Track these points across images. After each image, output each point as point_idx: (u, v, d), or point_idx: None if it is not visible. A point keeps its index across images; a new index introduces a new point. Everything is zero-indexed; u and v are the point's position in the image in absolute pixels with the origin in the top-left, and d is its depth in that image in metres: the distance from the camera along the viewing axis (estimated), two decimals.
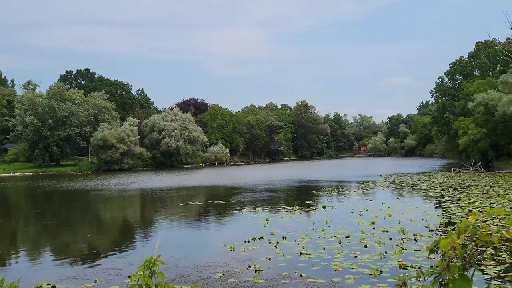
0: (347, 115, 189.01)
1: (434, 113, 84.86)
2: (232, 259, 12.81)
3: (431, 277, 2.58)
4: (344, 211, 22.10)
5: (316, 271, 11.31)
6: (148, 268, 2.60)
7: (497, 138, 55.70)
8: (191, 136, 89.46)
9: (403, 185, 36.45)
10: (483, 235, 2.56)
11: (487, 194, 27.26)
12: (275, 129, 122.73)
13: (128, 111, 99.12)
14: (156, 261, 2.66)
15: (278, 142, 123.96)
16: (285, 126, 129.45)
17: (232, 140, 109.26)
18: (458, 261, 2.52)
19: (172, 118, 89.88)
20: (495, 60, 71.25)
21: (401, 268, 11.21)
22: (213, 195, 33.95)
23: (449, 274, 2.44)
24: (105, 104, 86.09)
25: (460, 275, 2.48)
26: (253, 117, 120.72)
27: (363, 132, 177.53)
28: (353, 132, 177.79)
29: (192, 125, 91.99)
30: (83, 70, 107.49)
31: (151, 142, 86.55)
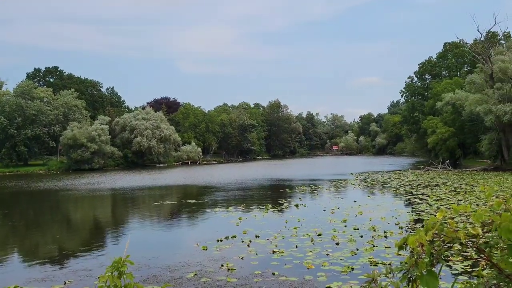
0: (319, 114, 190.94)
1: (404, 112, 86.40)
2: (205, 259, 12.76)
3: (400, 274, 2.62)
4: (316, 210, 22.28)
5: (288, 269, 11.37)
6: (117, 269, 2.56)
7: (464, 137, 57.08)
8: (164, 135, 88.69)
9: (374, 183, 36.98)
10: (449, 232, 2.62)
11: (454, 192, 27.90)
12: (248, 128, 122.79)
13: (99, 110, 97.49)
14: (125, 261, 2.62)
15: (251, 141, 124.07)
16: (258, 125, 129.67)
17: (204, 139, 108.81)
18: (425, 257, 2.56)
19: (144, 117, 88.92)
20: (463, 60, 72.99)
21: (372, 265, 11.38)
22: (186, 194, 33.74)
23: (417, 270, 2.49)
24: (75, 103, 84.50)
25: (427, 271, 2.53)
26: (226, 116, 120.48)
27: (335, 131, 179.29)
28: (325, 131, 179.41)
29: (164, 124, 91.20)
30: (52, 67, 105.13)
31: (122, 141, 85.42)
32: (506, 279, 2.64)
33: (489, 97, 47.44)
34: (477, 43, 55.19)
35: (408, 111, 78.99)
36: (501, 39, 61.89)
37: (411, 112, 77.13)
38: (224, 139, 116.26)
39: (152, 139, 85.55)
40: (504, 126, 47.55)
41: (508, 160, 48.26)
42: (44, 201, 32.26)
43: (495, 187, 29.16)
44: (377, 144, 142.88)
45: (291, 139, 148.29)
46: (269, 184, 40.36)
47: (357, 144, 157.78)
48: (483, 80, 51.32)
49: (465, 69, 71.98)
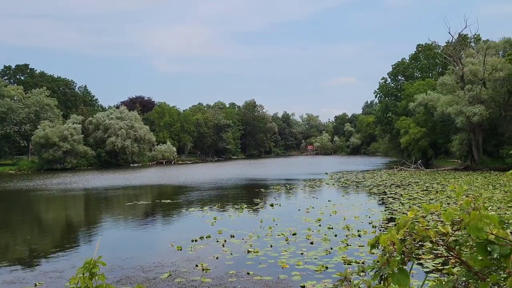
0: (295, 114, 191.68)
1: (377, 112, 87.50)
2: (179, 259, 12.68)
3: (372, 272, 2.65)
4: (291, 209, 22.38)
5: (263, 268, 11.39)
6: (88, 270, 2.51)
7: (436, 137, 58.16)
8: (138, 135, 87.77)
9: (348, 183, 37.35)
10: (420, 230, 2.66)
11: (426, 191, 28.40)
12: (223, 128, 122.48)
13: (71, 109, 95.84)
14: (96, 262, 2.58)
15: (226, 141, 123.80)
16: (234, 125, 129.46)
17: (180, 138, 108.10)
18: (397, 255, 2.60)
19: (118, 116, 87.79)
20: (435, 62, 74.35)
21: (346, 263, 11.49)
22: (160, 194, 33.47)
23: (388, 268, 2.52)
24: (47, 102, 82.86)
25: (399, 269, 2.56)
26: (201, 115, 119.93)
27: (310, 131, 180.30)
28: (301, 131, 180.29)
29: (139, 124, 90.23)
30: (22, 65, 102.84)
31: (95, 141, 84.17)
32: (474, 276, 2.69)
33: (460, 98, 48.44)
34: (449, 45, 56.29)
35: (382, 111, 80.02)
36: (472, 41, 63.28)
37: (385, 113, 78.16)
38: (200, 138, 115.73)
39: (126, 139, 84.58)
40: (474, 126, 48.64)
41: (478, 160, 49.39)
42: (14, 202, 31.55)
43: (465, 186, 29.67)
44: (351, 144, 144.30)
45: (267, 139, 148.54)
46: (244, 184, 40.36)
47: (332, 144, 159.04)
48: (454, 81, 52.38)
49: (437, 70, 73.30)
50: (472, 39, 63.76)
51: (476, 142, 49.98)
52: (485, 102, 47.91)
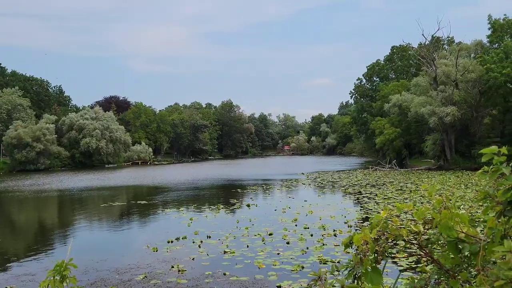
0: (272, 115, 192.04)
1: (353, 113, 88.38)
2: (155, 260, 12.58)
3: (346, 271, 2.67)
4: (268, 209, 22.42)
5: (239, 269, 11.38)
6: (59, 273, 2.47)
7: (410, 137, 59.05)
8: (113, 136, 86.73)
9: (324, 183, 37.62)
10: (393, 229, 2.69)
11: (401, 190, 28.80)
12: (200, 128, 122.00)
13: (45, 109, 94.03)
14: (68, 265, 2.53)
15: (203, 141, 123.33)
16: (210, 125, 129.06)
17: (156, 139, 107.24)
18: (370, 254, 2.62)
19: (92, 116, 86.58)
20: (409, 63, 75.45)
21: (322, 263, 11.57)
22: (136, 195, 33.13)
23: (362, 267, 2.54)
24: (20, 101, 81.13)
25: (372, 268, 2.59)
26: (177, 115, 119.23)
27: (287, 131, 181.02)
28: (277, 131, 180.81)
29: (114, 124, 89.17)
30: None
31: (70, 142, 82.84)
32: (446, 274, 2.74)
33: (433, 99, 49.30)
34: (422, 47, 57.23)
35: (357, 112, 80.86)
36: (445, 43, 64.45)
37: (360, 113, 78.99)
38: (176, 139, 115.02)
39: (101, 140, 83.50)
40: (447, 127, 49.55)
41: (451, 160, 50.31)
42: None
43: (438, 185, 30.32)
44: (327, 144, 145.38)
45: (243, 139, 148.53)
46: (221, 184, 40.26)
47: (308, 144, 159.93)
48: (428, 83, 53.28)
49: (411, 72, 74.38)
50: (445, 41, 64.94)
51: (448, 142, 50.92)
52: (457, 103, 48.85)
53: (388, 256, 2.87)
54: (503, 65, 44.62)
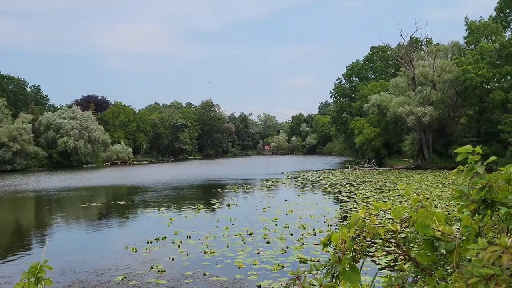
0: (252, 114, 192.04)
1: (333, 113, 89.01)
2: (134, 261, 12.47)
3: (324, 270, 2.68)
4: (248, 209, 22.43)
5: (219, 269, 11.36)
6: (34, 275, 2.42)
7: (388, 137, 59.74)
8: (92, 135, 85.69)
9: (304, 182, 37.79)
10: (371, 228, 2.71)
11: (380, 190, 29.11)
12: (180, 128, 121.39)
13: (21, 108, 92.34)
14: (43, 267, 2.49)
15: (183, 141, 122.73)
16: (190, 125, 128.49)
17: (135, 138, 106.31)
18: (348, 253, 2.64)
19: (70, 115, 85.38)
20: (387, 64, 76.32)
21: (302, 262, 11.62)
22: (115, 195, 32.80)
23: (340, 266, 2.56)
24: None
25: (350, 267, 2.61)
26: (157, 115, 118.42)
27: (267, 131, 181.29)
28: (258, 131, 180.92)
29: (92, 124, 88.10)
30: None
31: (47, 141, 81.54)
32: (422, 272, 2.77)
33: (411, 99, 49.97)
34: (401, 48, 57.94)
35: (337, 112, 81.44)
36: (423, 44, 65.35)
37: (340, 113, 79.58)
38: (156, 138, 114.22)
39: (79, 139, 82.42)
40: (425, 127, 50.27)
41: (428, 159, 51.05)
42: None
43: (416, 184, 30.74)
44: (307, 144, 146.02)
45: (224, 139, 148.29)
46: (201, 184, 40.12)
47: (289, 144, 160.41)
48: (406, 83, 53.98)
49: (390, 72, 75.25)
50: (423, 42, 65.85)
51: (426, 141, 51.66)
52: (434, 103, 49.61)
53: (366, 255, 2.90)
54: (479, 66, 45.46)
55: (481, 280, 1.74)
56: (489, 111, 49.33)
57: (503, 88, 46.08)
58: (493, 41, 50.43)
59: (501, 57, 44.97)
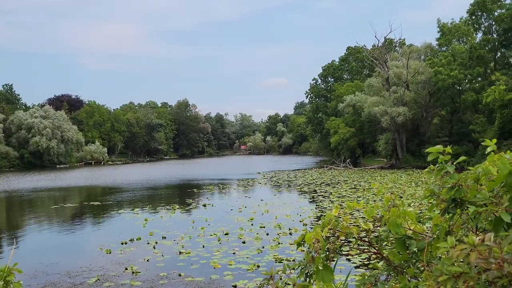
0: (228, 114, 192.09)
1: (308, 113, 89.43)
2: (108, 262, 12.31)
3: (298, 269, 2.69)
4: (224, 209, 22.39)
5: (195, 269, 11.31)
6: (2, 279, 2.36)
7: (363, 137, 60.41)
8: (65, 135, 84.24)
9: (280, 182, 37.92)
10: (344, 227, 2.73)
11: (354, 189, 29.41)
12: (155, 128, 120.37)
13: None
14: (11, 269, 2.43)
15: (158, 141, 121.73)
16: (166, 125, 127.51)
17: (110, 138, 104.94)
18: (322, 252, 2.66)
19: (42, 115, 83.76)
20: (363, 64, 77.08)
21: (277, 261, 11.65)
22: (89, 196, 32.33)
23: (313, 265, 2.57)
24: None
25: (323, 266, 2.62)
26: (132, 115, 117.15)
27: (243, 131, 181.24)
28: (234, 131, 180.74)
29: (66, 123, 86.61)
30: None
31: (18, 141, 79.82)
32: (394, 270, 2.81)
33: (386, 99, 50.65)
34: (375, 49, 58.65)
35: (313, 112, 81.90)
36: (397, 45, 66.25)
37: (315, 113, 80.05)
38: (131, 138, 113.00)
39: (52, 139, 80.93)
40: (398, 127, 51.02)
41: (402, 159, 51.82)
42: None
43: (390, 184, 31.17)
44: (283, 143, 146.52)
45: (200, 139, 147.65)
46: (176, 184, 39.86)
47: (265, 143, 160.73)
48: (380, 83, 54.69)
49: (365, 72, 76.02)
50: (397, 43, 66.76)
51: (400, 141, 52.42)
52: (408, 104, 50.40)
53: (340, 254, 2.92)
54: (451, 68, 46.33)
55: (450, 278, 1.76)
56: (460, 111, 50.37)
57: (474, 89, 47.10)
58: (465, 43, 51.46)
59: (472, 59, 45.95)
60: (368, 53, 62.11)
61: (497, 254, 1.59)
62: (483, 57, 45.35)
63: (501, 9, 46.65)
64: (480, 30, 50.24)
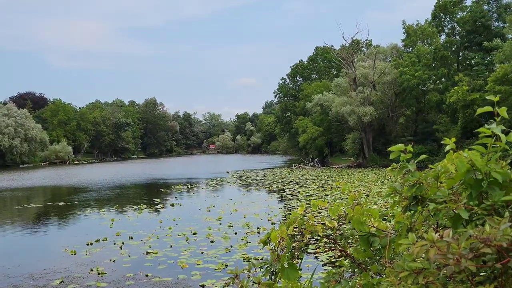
0: (197, 113, 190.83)
1: (277, 112, 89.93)
2: (73, 264, 12.06)
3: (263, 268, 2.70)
4: (192, 208, 22.26)
5: (162, 269, 11.20)
6: None
7: (331, 136, 61.11)
8: (29, 134, 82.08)
9: (249, 181, 37.97)
10: (309, 226, 2.75)
11: (322, 188, 29.71)
12: (122, 126, 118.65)
13: None
14: None
15: (125, 140, 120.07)
16: (133, 123, 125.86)
17: (75, 137, 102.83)
18: (287, 251, 2.67)
19: (4, 113, 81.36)
20: (330, 64, 77.98)
21: (245, 260, 11.65)
22: (54, 196, 31.61)
23: (278, 264, 2.58)
24: None
25: (289, 264, 2.64)
26: (99, 113, 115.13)
27: (212, 130, 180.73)
28: (203, 130, 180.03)
29: (29, 122, 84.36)
30: None
31: None
32: (358, 267, 2.85)
33: (353, 99, 51.38)
34: (343, 49, 59.40)
35: (281, 111, 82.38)
36: (364, 46, 67.29)
37: (284, 112, 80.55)
38: (97, 137, 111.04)
39: (15, 138, 78.72)
40: (365, 126, 51.84)
41: (369, 158, 52.66)
42: None
43: (357, 182, 31.62)
44: (252, 143, 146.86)
45: (168, 138, 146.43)
46: (144, 184, 39.39)
47: (233, 143, 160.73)
48: (348, 83, 55.43)
49: (332, 72, 76.92)
50: (364, 44, 67.80)
51: (367, 141, 53.26)
52: (374, 103, 51.29)
53: (305, 252, 2.94)
54: (415, 68, 47.38)
55: (411, 274, 1.80)
56: (425, 111, 51.58)
57: (438, 89, 48.31)
58: (429, 44, 52.67)
59: (436, 60, 47.11)
60: (336, 53, 62.85)
61: (455, 250, 1.63)
62: (446, 58, 46.55)
63: (463, 12, 47.99)
64: (444, 32, 51.54)
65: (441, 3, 48.70)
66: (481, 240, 1.62)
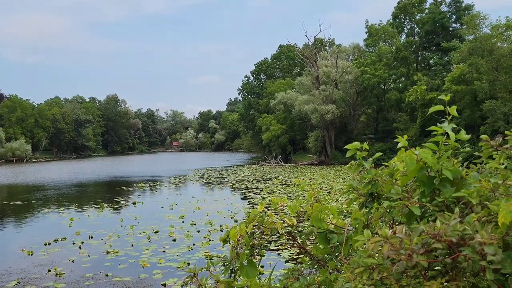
0: (159, 110, 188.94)
1: (241, 110, 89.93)
2: (30, 265, 11.72)
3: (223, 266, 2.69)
4: (155, 207, 22.02)
5: (123, 269, 11.03)
6: None
7: (294, 134, 61.63)
8: None
9: (212, 179, 37.83)
10: (268, 223, 2.77)
11: (285, 185, 29.92)
12: (82, 123, 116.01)
13: None
14: None
15: (86, 137, 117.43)
16: (94, 120, 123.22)
17: (33, 135, 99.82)
18: (246, 248, 2.68)
19: None
20: (294, 63, 78.53)
21: (208, 258, 11.62)
22: (10, 195, 30.59)
23: (238, 261, 2.58)
24: None
25: (248, 262, 2.64)
26: (58, 110, 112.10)
27: (175, 127, 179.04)
28: (165, 127, 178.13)
29: None
30: None
31: None
32: (317, 264, 2.88)
33: (315, 97, 51.97)
34: (306, 48, 59.96)
35: (245, 109, 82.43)
36: (326, 45, 68.07)
37: (248, 110, 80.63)
38: (56, 135, 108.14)
39: None
40: (327, 124, 52.54)
41: (331, 155, 53.40)
42: None
43: (319, 179, 32.00)
44: (215, 140, 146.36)
45: (130, 135, 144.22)
46: (105, 182, 38.65)
47: (197, 140, 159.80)
48: (311, 82, 56.02)
49: (296, 71, 77.48)
50: (327, 43, 68.58)
51: (329, 138, 53.99)
52: (336, 102, 52.03)
53: (266, 249, 2.95)
54: (376, 68, 48.31)
55: (366, 270, 1.83)
56: (385, 110, 52.69)
57: (398, 88, 49.42)
58: (390, 44, 53.81)
59: (397, 60, 48.18)
60: (299, 52, 63.37)
61: (407, 246, 1.67)
62: (407, 58, 47.68)
63: (421, 13, 49.25)
64: (404, 33, 52.76)
65: (401, 4, 49.83)
66: (432, 235, 1.67)
